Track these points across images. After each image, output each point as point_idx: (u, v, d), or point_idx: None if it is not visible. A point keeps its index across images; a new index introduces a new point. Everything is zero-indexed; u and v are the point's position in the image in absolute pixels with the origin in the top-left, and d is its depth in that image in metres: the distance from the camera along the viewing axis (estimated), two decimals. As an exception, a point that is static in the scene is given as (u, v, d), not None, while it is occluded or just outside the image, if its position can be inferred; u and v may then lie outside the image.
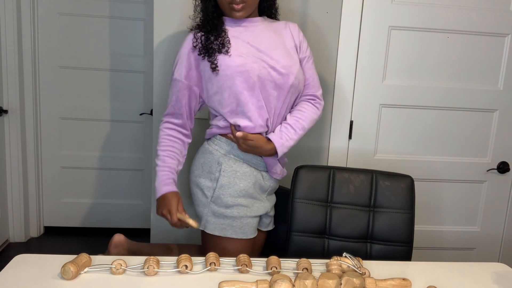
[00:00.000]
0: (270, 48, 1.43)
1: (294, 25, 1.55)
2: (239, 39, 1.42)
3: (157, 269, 1.09)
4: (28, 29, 2.62)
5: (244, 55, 1.39)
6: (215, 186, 1.45)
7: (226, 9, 1.40)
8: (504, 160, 2.10)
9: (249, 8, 1.40)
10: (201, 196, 1.48)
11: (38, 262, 1.12)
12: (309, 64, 1.54)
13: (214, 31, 1.41)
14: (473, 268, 1.27)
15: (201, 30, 1.43)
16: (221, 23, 1.44)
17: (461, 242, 2.18)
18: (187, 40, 1.45)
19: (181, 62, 1.44)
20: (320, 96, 1.55)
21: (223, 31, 1.42)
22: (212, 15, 1.42)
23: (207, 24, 1.42)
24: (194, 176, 1.52)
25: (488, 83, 2.04)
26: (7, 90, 2.59)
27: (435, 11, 1.94)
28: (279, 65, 1.41)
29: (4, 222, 2.70)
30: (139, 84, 2.83)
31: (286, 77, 1.42)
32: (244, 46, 1.41)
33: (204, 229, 1.47)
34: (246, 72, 1.37)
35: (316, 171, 1.54)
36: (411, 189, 1.53)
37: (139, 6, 2.73)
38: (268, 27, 1.49)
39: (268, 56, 1.42)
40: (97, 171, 2.92)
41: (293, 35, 1.52)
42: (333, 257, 1.17)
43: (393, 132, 2.05)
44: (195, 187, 1.50)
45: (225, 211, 1.43)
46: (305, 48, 1.53)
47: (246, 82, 1.38)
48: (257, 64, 1.39)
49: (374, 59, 1.97)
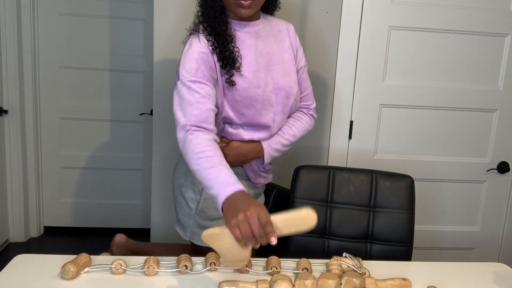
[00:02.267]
0: (272, 64, 1.37)
1: (292, 28, 1.48)
2: (243, 50, 1.33)
3: (157, 269, 1.09)
4: (28, 29, 2.62)
5: (249, 75, 1.31)
6: (199, 199, 1.40)
7: (231, 5, 1.26)
8: (504, 160, 2.10)
9: (256, 5, 1.28)
10: (185, 206, 1.43)
11: (38, 262, 1.12)
12: (304, 74, 1.49)
13: (222, 37, 1.28)
14: (473, 268, 1.27)
15: (210, 34, 1.29)
16: (227, 26, 1.31)
17: (461, 242, 2.18)
18: (198, 42, 1.28)
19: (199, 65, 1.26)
20: (314, 109, 1.52)
21: (233, 39, 1.31)
22: (214, 15, 1.28)
23: (214, 27, 1.28)
24: (177, 183, 1.46)
25: (488, 83, 2.04)
26: (7, 90, 2.59)
27: (435, 11, 1.94)
28: (279, 87, 1.37)
29: (4, 222, 2.70)
30: (139, 84, 2.83)
31: (286, 99, 1.39)
32: (251, 62, 1.33)
33: (191, 239, 1.44)
34: (249, 98, 1.32)
35: (316, 171, 1.54)
36: (411, 189, 1.53)
37: (139, 6, 2.73)
38: (269, 32, 1.41)
39: (270, 76, 1.36)
40: (97, 171, 2.92)
41: (291, 41, 1.45)
42: (333, 257, 1.17)
43: (393, 132, 2.05)
44: (179, 194, 1.45)
45: (210, 224, 1.40)
46: (300, 56, 1.47)
47: (247, 106, 1.33)
48: (260, 89, 1.33)
49: (374, 59, 1.97)
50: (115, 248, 1.73)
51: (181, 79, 1.25)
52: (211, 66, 1.28)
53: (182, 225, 1.46)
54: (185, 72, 1.25)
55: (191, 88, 1.23)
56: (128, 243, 1.74)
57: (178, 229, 1.48)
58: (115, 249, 1.73)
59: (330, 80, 2.03)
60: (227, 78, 1.29)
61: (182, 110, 1.22)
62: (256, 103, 1.33)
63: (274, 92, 1.36)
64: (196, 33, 1.31)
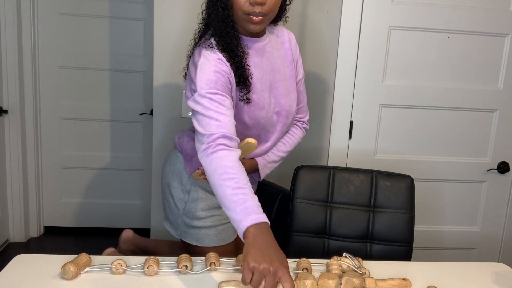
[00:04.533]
0: (275, 81, 1.35)
1: (293, 38, 1.45)
2: (251, 68, 1.30)
3: (157, 269, 1.09)
4: (28, 29, 2.62)
5: (254, 96, 1.29)
6: (186, 199, 1.40)
7: (241, 20, 1.21)
8: (504, 160, 2.10)
9: (267, 22, 1.24)
10: (173, 205, 1.43)
11: (38, 262, 1.12)
12: (301, 87, 1.48)
13: (235, 53, 1.24)
14: (473, 268, 1.27)
15: (224, 50, 1.24)
16: (238, 41, 1.26)
17: (461, 242, 2.18)
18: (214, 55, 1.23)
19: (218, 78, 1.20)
20: (307, 122, 1.54)
21: (245, 55, 1.27)
22: (226, 30, 1.22)
23: (226, 42, 1.23)
24: (165, 181, 1.46)
25: (488, 83, 2.04)
26: (7, 90, 2.59)
27: (435, 11, 1.94)
28: (280, 106, 1.36)
29: (4, 222, 2.70)
30: (139, 84, 2.83)
31: (285, 119, 1.39)
32: (256, 82, 1.31)
33: (181, 238, 1.44)
34: (253, 119, 1.31)
35: (316, 171, 1.54)
36: (411, 189, 1.53)
37: (139, 6, 2.73)
38: (274, 46, 1.37)
39: (273, 95, 1.34)
40: (97, 171, 2.92)
41: (293, 52, 1.43)
42: (333, 257, 1.17)
43: (393, 132, 2.05)
44: (168, 193, 1.45)
45: (198, 223, 1.40)
46: (299, 68, 1.46)
47: (250, 126, 1.33)
48: (264, 111, 1.32)
49: (374, 59, 1.97)
50: (122, 243, 1.80)
51: (199, 92, 1.17)
52: (230, 80, 1.24)
53: (172, 223, 1.46)
54: (204, 84, 1.18)
55: (213, 99, 1.16)
56: (135, 238, 1.79)
57: (168, 228, 1.48)
58: (122, 244, 1.80)
59: (330, 80, 2.03)
60: (241, 96, 1.26)
61: (207, 119, 1.15)
62: (258, 124, 1.33)
63: (275, 112, 1.36)
64: (210, 48, 1.25)
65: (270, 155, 1.43)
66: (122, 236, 1.80)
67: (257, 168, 1.41)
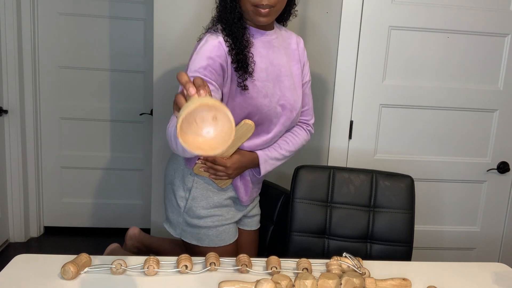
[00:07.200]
0: (281, 75, 1.38)
1: (302, 42, 1.49)
2: (255, 57, 1.33)
3: (157, 269, 1.09)
4: (28, 29, 2.62)
5: (258, 83, 1.32)
6: (187, 197, 1.41)
7: (249, 12, 1.27)
8: (504, 160, 2.10)
9: (274, 14, 1.29)
10: (175, 204, 1.44)
11: (38, 262, 1.12)
12: (307, 89, 1.50)
13: (240, 42, 1.28)
14: (473, 268, 1.27)
15: (228, 36, 1.29)
16: (244, 31, 1.31)
17: (461, 242, 2.18)
18: (214, 41, 1.28)
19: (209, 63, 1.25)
20: (312, 125, 1.55)
21: (249, 45, 1.31)
22: (233, 21, 1.28)
23: (232, 31, 1.28)
24: (168, 180, 1.48)
25: (488, 83, 2.04)
26: (7, 90, 2.59)
27: (435, 11, 1.94)
28: (285, 100, 1.38)
29: (4, 222, 2.70)
30: (139, 84, 2.83)
31: (289, 113, 1.40)
32: (261, 71, 1.34)
33: (181, 237, 1.45)
34: (255, 107, 1.32)
35: (316, 171, 1.54)
36: (411, 189, 1.53)
37: (139, 6, 2.73)
38: (281, 43, 1.41)
39: (278, 87, 1.37)
40: (97, 171, 2.92)
41: (300, 55, 1.47)
42: (333, 257, 1.17)
43: (393, 132, 2.05)
44: (170, 192, 1.46)
45: (198, 222, 1.41)
46: (306, 71, 1.49)
47: (252, 114, 1.33)
48: (267, 99, 1.33)
49: (374, 59, 1.97)
50: (128, 240, 1.83)
51: (188, 73, 1.24)
52: (223, 67, 1.28)
53: (171, 223, 1.47)
54: (193, 67, 1.25)
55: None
56: (141, 235, 1.83)
57: (167, 227, 1.49)
58: (128, 241, 1.83)
59: (330, 80, 2.03)
60: (240, 82, 1.30)
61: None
62: (261, 113, 1.33)
63: (279, 104, 1.37)
64: (214, 32, 1.30)
65: (271, 150, 1.43)
66: (128, 233, 1.84)
67: (257, 162, 1.40)
